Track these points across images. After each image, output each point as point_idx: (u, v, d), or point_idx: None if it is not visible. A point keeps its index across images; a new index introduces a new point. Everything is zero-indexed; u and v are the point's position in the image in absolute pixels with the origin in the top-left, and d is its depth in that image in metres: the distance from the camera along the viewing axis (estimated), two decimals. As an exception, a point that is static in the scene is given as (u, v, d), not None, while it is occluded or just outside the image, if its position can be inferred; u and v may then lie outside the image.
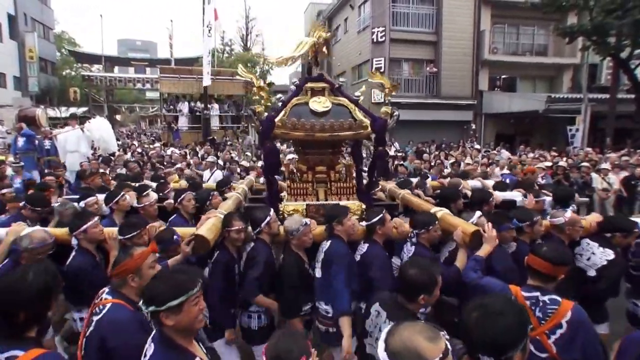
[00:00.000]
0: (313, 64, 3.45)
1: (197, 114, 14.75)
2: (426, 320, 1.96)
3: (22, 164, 6.53)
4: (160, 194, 3.73)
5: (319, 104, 3.23)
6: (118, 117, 31.56)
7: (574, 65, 17.41)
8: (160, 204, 3.64)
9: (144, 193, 3.43)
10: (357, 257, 2.59)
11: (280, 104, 3.24)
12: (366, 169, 3.81)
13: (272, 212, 2.65)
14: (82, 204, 3.30)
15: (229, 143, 12.00)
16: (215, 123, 15.04)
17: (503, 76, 18.27)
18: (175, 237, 2.52)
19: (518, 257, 2.44)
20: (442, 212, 2.88)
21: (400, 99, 16.54)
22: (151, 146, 12.45)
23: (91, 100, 25.29)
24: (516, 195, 3.88)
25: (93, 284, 2.16)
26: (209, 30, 13.61)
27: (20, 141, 7.27)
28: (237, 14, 54.82)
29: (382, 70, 16.57)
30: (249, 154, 9.92)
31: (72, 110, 20.10)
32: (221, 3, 16.03)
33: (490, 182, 4.49)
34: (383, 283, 2.33)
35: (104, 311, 1.65)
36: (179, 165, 7.20)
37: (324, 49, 3.40)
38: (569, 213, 2.81)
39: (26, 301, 1.38)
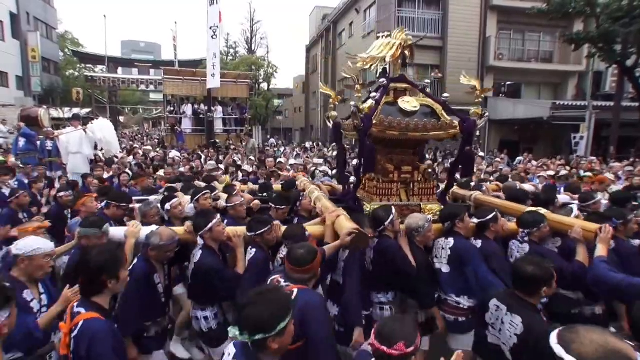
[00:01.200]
0: (400, 65, 3.55)
1: (201, 116, 14.52)
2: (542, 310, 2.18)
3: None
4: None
5: (408, 103, 3.34)
6: (121, 118, 31.36)
7: (579, 72, 17.28)
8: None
9: (234, 193, 3.53)
10: (449, 252, 2.73)
11: (373, 102, 3.18)
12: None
13: (393, 211, 2.74)
14: (167, 206, 3.23)
15: (232, 147, 11.75)
16: (219, 126, 14.81)
17: (508, 82, 18.10)
18: (307, 233, 2.57)
19: (619, 253, 2.59)
20: (543, 211, 2.99)
21: (405, 104, 16.42)
22: (158, 150, 12.22)
23: (94, 101, 25.11)
24: (565, 198, 4.03)
25: (224, 283, 2.38)
26: (214, 33, 13.43)
27: (21, 142, 7.09)
28: (241, 17, 54.73)
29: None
30: (252, 157, 9.60)
31: (75, 110, 19.84)
32: (226, 6, 15.89)
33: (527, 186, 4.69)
34: (504, 274, 2.45)
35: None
36: (181, 169, 7.09)
37: (408, 52, 3.53)
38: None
39: (89, 272, 1.71)
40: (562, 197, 3.98)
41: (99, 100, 26.43)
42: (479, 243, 2.73)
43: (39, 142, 7.36)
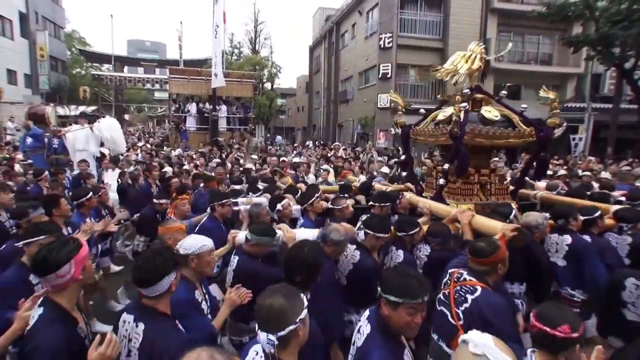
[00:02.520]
0: (477, 77, 3.80)
1: (205, 115, 14.40)
2: None
3: (30, 161, 6.25)
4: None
5: (490, 113, 3.61)
6: (127, 116, 31.23)
7: (577, 74, 17.19)
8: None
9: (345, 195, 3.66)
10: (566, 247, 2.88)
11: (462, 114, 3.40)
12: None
13: (515, 208, 3.00)
14: (279, 206, 3.22)
15: (235, 146, 11.63)
16: (223, 124, 14.73)
17: (508, 84, 17.90)
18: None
19: None
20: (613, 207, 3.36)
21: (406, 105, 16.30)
22: (165, 148, 12.10)
23: (100, 99, 24.98)
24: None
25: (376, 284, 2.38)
26: (216, 32, 13.29)
27: (29, 139, 6.99)
28: (246, 17, 54.26)
29: (388, 75, 16.30)
30: (254, 156, 9.49)
31: (82, 108, 19.75)
32: (230, 6, 15.76)
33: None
34: (617, 263, 2.78)
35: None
36: (186, 167, 7.04)
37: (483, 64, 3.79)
38: None
39: (300, 265, 1.89)
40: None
41: (105, 98, 26.32)
42: (587, 238, 2.90)
43: (45, 140, 7.24)
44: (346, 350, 1.77)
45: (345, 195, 3.92)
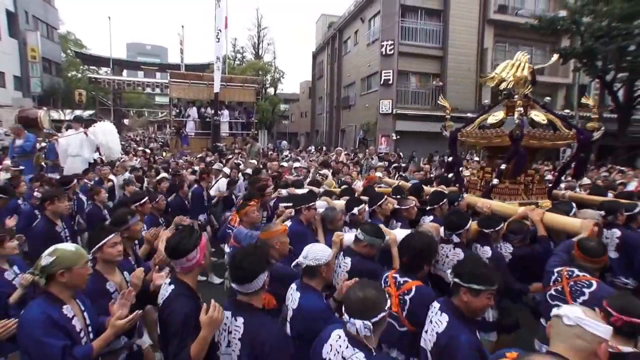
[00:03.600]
0: (526, 84, 3.73)
1: (207, 119, 13.65)
2: None
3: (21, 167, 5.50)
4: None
5: (539, 117, 3.75)
6: (126, 121, 30.17)
7: (566, 85, 17.50)
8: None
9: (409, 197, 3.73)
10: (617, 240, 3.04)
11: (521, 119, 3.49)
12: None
13: (574, 207, 3.16)
14: (355, 210, 3.21)
15: (236, 151, 10.87)
16: (225, 129, 14.20)
17: (505, 92, 17.51)
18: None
19: None
20: None
21: (407, 111, 16.21)
22: (164, 154, 11.26)
23: (98, 103, 23.88)
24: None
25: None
26: (217, 37, 12.60)
27: (18, 143, 6.18)
28: (249, 22, 52.94)
29: (390, 82, 15.78)
30: (253, 161, 9.06)
31: (78, 112, 18.61)
32: (233, 11, 15.11)
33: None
34: None
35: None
36: (184, 172, 6.67)
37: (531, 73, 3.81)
38: None
39: (413, 254, 2.07)
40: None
41: (103, 102, 25.25)
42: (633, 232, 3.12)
43: (37, 145, 6.44)
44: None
45: (397, 196, 3.73)
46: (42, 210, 3.30)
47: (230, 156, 10.12)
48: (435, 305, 1.77)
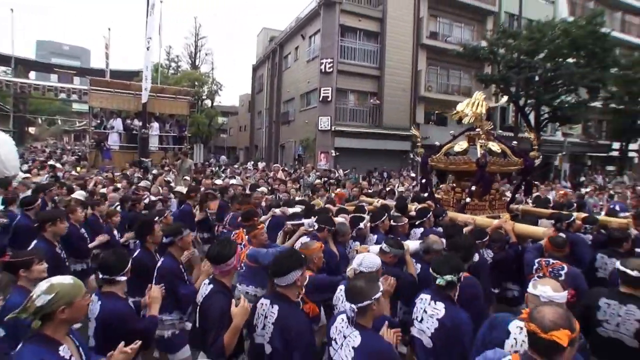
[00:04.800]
0: (481, 118, 5.00)
1: (134, 132, 13.50)
2: None
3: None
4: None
5: (495, 146, 4.92)
6: (32, 129, 27.66)
7: (490, 107, 19.99)
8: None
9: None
10: None
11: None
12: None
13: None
14: (361, 225, 3.92)
15: (165, 167, 11.03)
16: (154, 143, 13.98)
17: (437, 111, 20.00)
18: None
19: None
20: None
21: (346, 128, 17.34)
22: (78, 169, 10.75)
23: (-8, 108, 21.51)
24: None
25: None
26: (148, 43, 12.80)
27: None
28: (186, 30, 52.34)
29: (329, 99, 17.11)
30: (187, 178, 9.20)
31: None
32: (169, 16, 15.40)
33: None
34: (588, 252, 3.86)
35: None
36: (103, 190, 6.35)
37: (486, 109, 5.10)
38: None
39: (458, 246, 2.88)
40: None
41: (0, 107, 22.75)
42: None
43: None
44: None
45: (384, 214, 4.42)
46: (41, 232, 3.34)
47: (155, 172, 10.24)
48: (425, 297, 2.31)
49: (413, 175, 15.28)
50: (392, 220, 4.16)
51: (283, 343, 2.00)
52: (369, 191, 8.93)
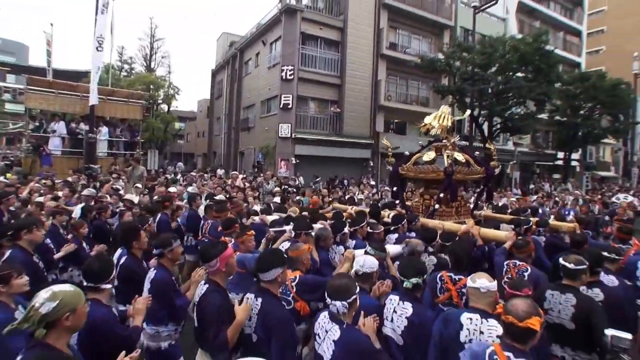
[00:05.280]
0: (447, 130, 5.53)
1: (79, 136, 13.03)
2: None
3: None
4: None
5: (460, 156, 5.49)
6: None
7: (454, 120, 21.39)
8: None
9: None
10: None
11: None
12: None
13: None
14: (345, 229, 4.20)
15: (114, 175, 10.76)
16: (103, 149, 13.55)
17: (396, 120, 21.06)
18: None
19: None
20: None
21: (306, 135, 17.76)
22: (8, 175, 10.06)
23: None
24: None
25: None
26: (100, 44, 12.49)
27: None
28: (141, 31, 50.43)
29: (289, 106, 17.52)
30: (139, 186, 9.07)
31: None
32: (121, 17, 15.09)
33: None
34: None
35: None
36: (39, 199, 6.01)
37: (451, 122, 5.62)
38: None
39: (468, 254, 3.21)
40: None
41: None
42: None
43: None
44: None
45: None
46: (15, 240, 3.24)
47: (102, 179, 9.96)
48: (394, 298, 2.58)
49: (373, 183, 15.98)
50: (369, 226, 4.49)
51: (265, 331, 2.29)
52: (329, 199, 9.34)
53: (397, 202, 5.99)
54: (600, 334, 2.51)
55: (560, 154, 25.07)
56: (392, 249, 3.66)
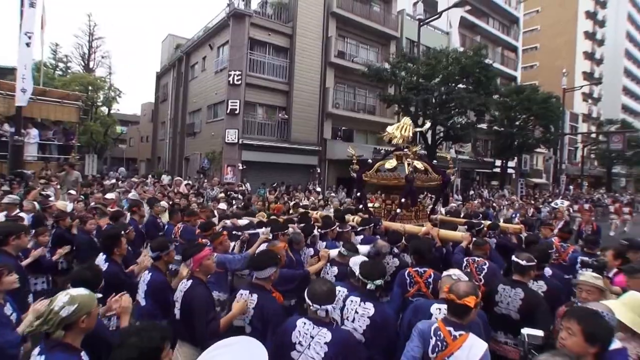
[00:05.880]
0: (407, 140, 6.16)
1: (3, 139, 12.74)
2: None
3: None
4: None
5: (419, 165, 6.10)
6: None
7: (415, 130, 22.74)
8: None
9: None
10: None
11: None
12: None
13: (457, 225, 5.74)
14: (315, 232, 4.84)
15: (41, 181, 10.71)
16: (32, 152, 13.31)
17: (343, 128, 22.27)
18: None
19: None
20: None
21: (253, 141, 18.35)
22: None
23: None
24: None
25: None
26: (29, 39, 12.33)
27: None
28: (77, 29, 48.19)
29: (236, 112, 18.07)
30: (72, 192, 9.07)
31: None
32: (56, 11, 14.87)
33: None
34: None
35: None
36: None
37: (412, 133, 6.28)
38: None
39: (429, 249, 3.79)
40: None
41: None
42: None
43: None
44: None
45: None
46: (1, 246, 3.39)
47: (31, 183, 9.89)
48: (355, 299, 2.75)
49: (318, 189, 16.92)
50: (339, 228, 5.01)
51: (263, 322, 2.68)
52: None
53: (361, 206, 6.60)
54: (541, 326, 2.82)
55: (498, 162, 27.51)
56: (362, 248, 4.05)
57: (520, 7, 34.97)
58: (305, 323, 2.31)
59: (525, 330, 2.34)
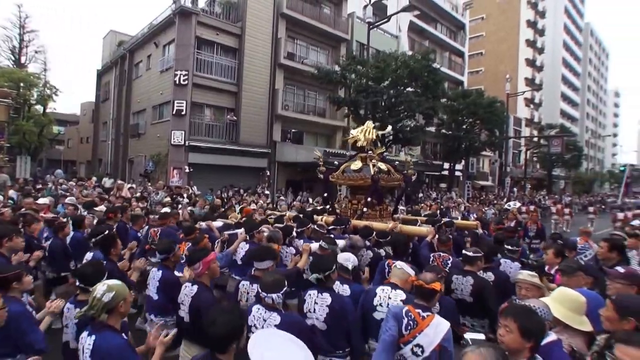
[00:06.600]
0: (371, 143, 6.78)
1: None
2: None
3: None
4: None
5: (383, 166, 6.66)
6: None
7: (343, 127, 23.53)
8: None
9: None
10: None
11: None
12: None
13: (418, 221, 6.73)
14: (294, 233, 5.20)
15: None
16: (-48, 153, 12.86)
17: (293, 130, 23.10)
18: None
19: None
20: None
21: (201, 143, 18.72)
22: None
23: None
24: None
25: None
26: None
27: None
28: (5, 20, 45.07)
29: (183, 112, 18.32)
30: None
31: None
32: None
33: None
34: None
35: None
36: None
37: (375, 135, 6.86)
38: None
39: (405, 243, 4.54)
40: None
41: None
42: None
43: None
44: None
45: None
46: None
47: None
48: (313, 293, 3.09)
49: (267, 192, 17.59)
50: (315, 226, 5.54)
51: None
52: (222, 209, 9.89)
53: (328, 207, 7.15)
54: (490, 304, 3.56)
55: (447, 165, 29.29)
56: (340, 243, 4.58)
57: (467, 13, 37.81)
58: (259, 309, 2.79)
59: (468, 335, 2.64)
